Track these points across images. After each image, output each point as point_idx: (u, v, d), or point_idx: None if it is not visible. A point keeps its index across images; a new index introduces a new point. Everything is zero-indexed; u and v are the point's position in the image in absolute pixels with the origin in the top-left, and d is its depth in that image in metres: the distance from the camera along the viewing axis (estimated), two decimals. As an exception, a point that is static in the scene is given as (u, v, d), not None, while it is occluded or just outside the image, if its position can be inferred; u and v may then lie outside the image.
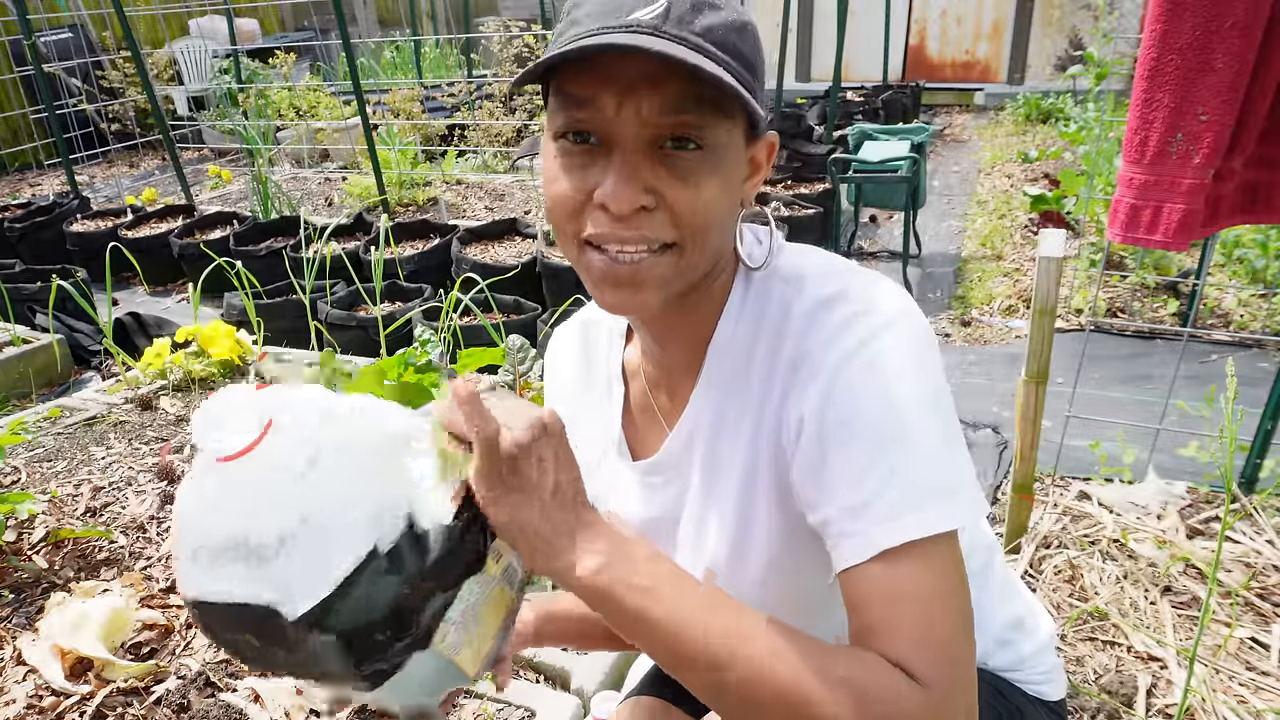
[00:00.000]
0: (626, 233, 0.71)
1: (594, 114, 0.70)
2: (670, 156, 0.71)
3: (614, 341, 0.96)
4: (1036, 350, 1.83)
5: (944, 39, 8.78)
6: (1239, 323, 3.31)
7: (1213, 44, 1.43)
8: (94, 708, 1.60)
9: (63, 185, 6.82)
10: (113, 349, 3.12)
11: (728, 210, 0.75)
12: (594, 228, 0.73)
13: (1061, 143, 5.67)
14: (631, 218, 0.71)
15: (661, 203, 0.71)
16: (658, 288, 0.74)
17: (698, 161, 0.71)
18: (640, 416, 0.94)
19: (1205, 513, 2.11)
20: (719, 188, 0.73)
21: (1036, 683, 0.99)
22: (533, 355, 2.40)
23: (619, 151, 0.70)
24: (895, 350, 0.72)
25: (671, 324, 0.84)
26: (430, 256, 4.19)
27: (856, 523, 0.69)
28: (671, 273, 0.74)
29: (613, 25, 0.68)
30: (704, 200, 0.72)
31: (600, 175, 0.71)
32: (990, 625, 0.96)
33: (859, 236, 4.78)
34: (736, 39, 0.71)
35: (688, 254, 0.74)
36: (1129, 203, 1.60)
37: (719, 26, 0.70)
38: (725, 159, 0.73)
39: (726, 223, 0.77)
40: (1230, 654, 1.71)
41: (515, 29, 6.45)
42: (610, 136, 0.71)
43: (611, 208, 0.70)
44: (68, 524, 2.20)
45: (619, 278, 0.73)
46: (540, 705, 1.58)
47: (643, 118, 0.69)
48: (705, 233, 0.73)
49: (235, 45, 7.55)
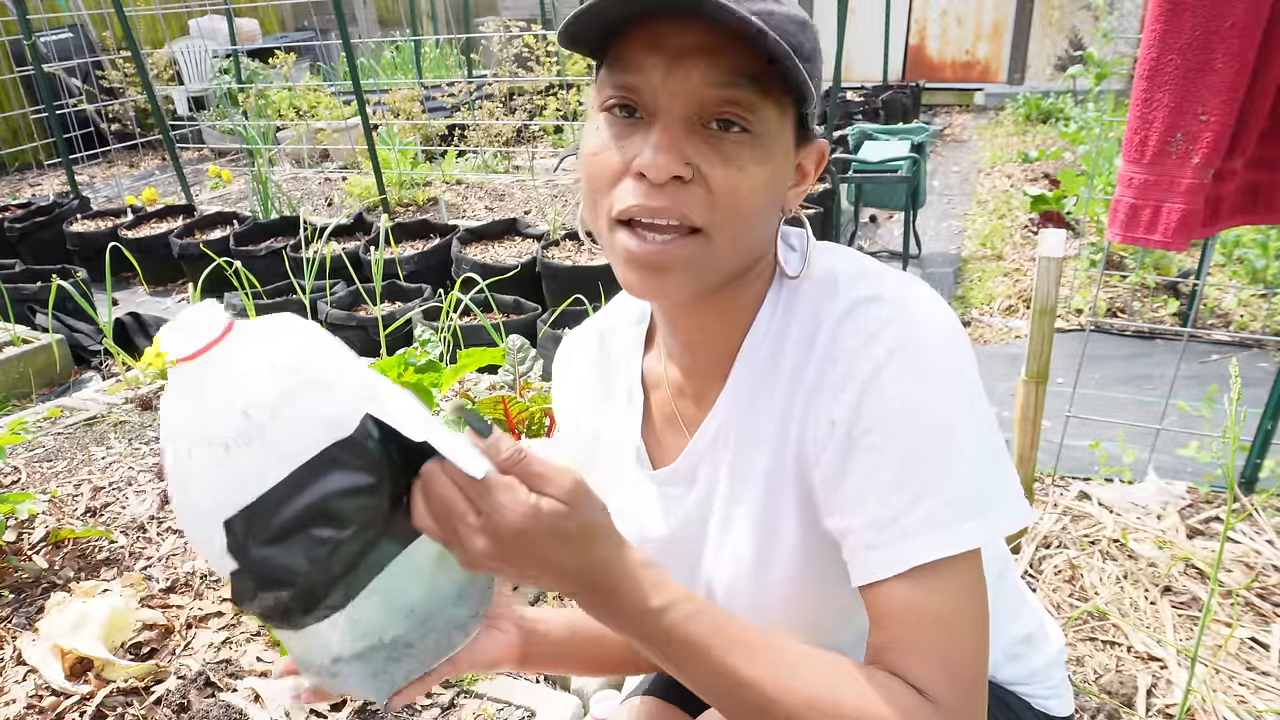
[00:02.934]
0: (657, 202, 0.68)
1: (641, 81, 0.67)
2: (715, 136, 0.68)
3: (632, 350, 0.93)
4: (1036, 350, 1.83)
5: (944, 39, 8.78)
6: (1239, 323, 3.31)
7: (1213, 44, 1.43)
8: (94, 708, 1.60)
9: (63, 185, 6.81)
10: (113, 349, 3.12)
11: (768, 207, 0.72)
12: (625, 200, 0.69)
13: (1061, 143, 5.67)
14: (666, 187, 0.68)
15: (699, 177, 0.68)
16: (683, 272, 0.71)
17: (743, 145, 0.68)
18: (662, 425, 0.91)
19: (1205, 513, 2.11)
20: (763, 178, 0.70)
21: (1044, 697, 0.98)
22: (533, 355, 2.40)
23: (662, 121, 0.68)
24: (930, 359, 0.71)
25: (704, 325, 0.81)
26: (430, 256, 4.19)
27: (882, 536, 0.68)
28: (698, 259, 0.70)
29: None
30: (745, 184, 0.69)
31: (640, 145, 0.69)
32: (1001, 638, 0.95)
33: (859, 236, 4.77)
34: (798, 31, 0.68)
35: (716, 242, 0.70)
36: (1128, 202, 1.60)
37: (779, 15, 0.67)
38: (773, 150, 0.70)
39: (765, 220, 0.74)
40: (1230, 654, 1.71)
41: (515, 29, 6.45)
42: (655, 107, 0.68)
43: (649, 174, 0.67)
44: (68, 524, 2.20)
45: (645, 259, 0.70)
46: (540, 705, 1.58)
47: (690, 89, 0.66)
48: (740, 221, 0.70)
49: (235, 45, 7.55)
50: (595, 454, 0.98)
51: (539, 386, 2.31)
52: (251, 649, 1.77)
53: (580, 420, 0.99)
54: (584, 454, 1.00)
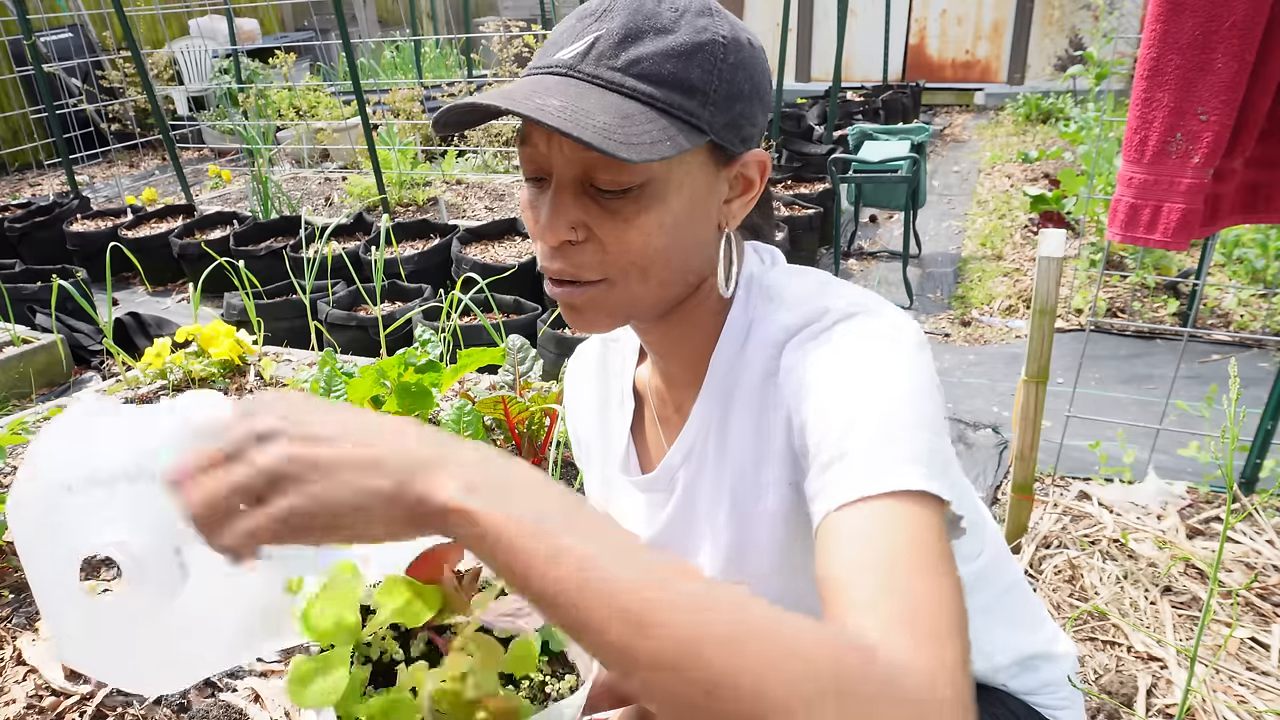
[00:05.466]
0: (553, 264, 0.73)
1: (533, 152, 0.72)
2: (600, 195, 0.70)
3: (628, 359, 0.97)
4: (1036, 350, 1.83)
5: (944, 39, 8.78)
6: (1239, 323, 3.31)
7: (1213, 44, 1.43)
8: (94, 708, 1.60)
9: (63, 185, 6.81)
10: (113, 349, 3.12)
11: (678, 241, 0.73)
12: (540, 258, 0.76)
13: (1061, 143, 5.67)
14: (559, 250, 0.72)
15: (591, 237, 0.72)
16: (598, 312, 0.76)
17: (627, 200, 0.70)
18: (650, 433, 0.94)
19: (1205, 513, 2.11)
20: (656, 223, 0.71)
21: (1056, 708, 0.99)
22: (533, 355, 2.40)
23: (553, 188, 0.71)
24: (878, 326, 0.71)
25: (668, 340, 0.84)
26: (430, 256, 4.19)
27: (833, 472, 0.62)
28: (607, 302, 0.75)
29: (540, 67, 0.71)
30: (635, 236, 0.71)
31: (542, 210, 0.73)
32: (1021, 648, 0.97)
33: (859, 236, 4.78)
34: (678, 65, 0.67)
35: (621, 286, 0.74)
36: (1128, 202, 1.60)
37: (654, 55, 0.67)
38: (669, 191, 0.71)
39: (682, 251, 0.74)
40: (1230, 654, 1.71)
41: (515, 29, 6.45)
42: (549, 173, 0.72)
43: (542, 240, 0.73)
44: (68, 524, 2.20)
45: (563, 302, 0.76)
46: (540, 705, 1.58)
47: (566, 158, 0.70)
48: (640, 268, 0.72)
49: (235, 45, 7.55)
50: (592, 460, 1.02)
51: (539, 386, 2.31)
52: (251, 649, 1.77)
53: (582, 428, 1.03)
54: (584, 460, 1.04)
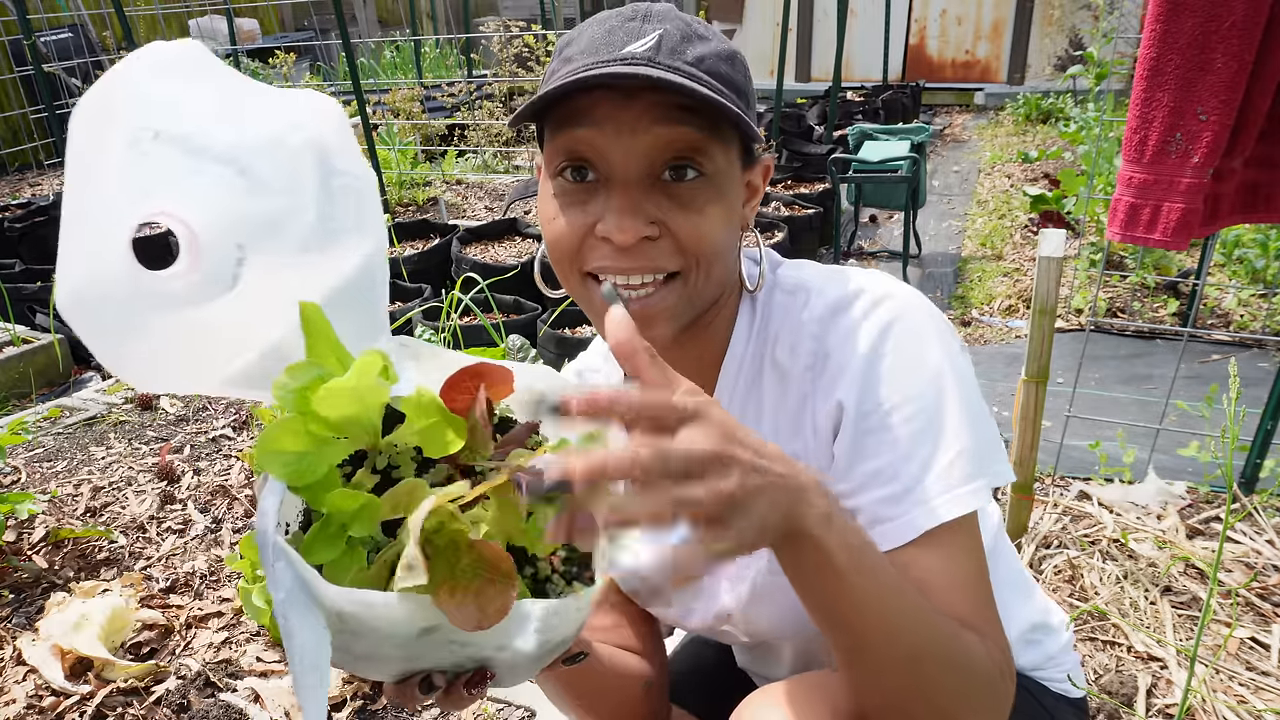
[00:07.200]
0: (631, 263, 0.71)
1: (592, 149, 0.71)
2: (670, 186, 0.71)
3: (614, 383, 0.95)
4: (1036, 350, 1.83)
5: (944, 39, 8.78)
6: (1239, 323, 3.31)
7: (1213, 44, 1.43)
8: (94, 708, 1.60)
9: (62, 185, 6.81)
10: (113, 349, 3.11)
11: (731, 235, 0.76)
12: (597, 260, 0.72)
13: (1061, 143, 5.67)
14: (636, 248, 0.71)
15: (666, 231, 0.72)
16: (668, 319, 0.75)
17: (700, 188, 0.72)
18: None
19: (1205, 513, 2.11)
20: (722, 213, 0.73)
21: (1061, 680, 1.00)
22: (532, 355, 2.40)
23: (619, 183, 0.71)
24: (917, 336, 0.75)
25: (684, 349, 0.84)
26: (430, 256, 4.19)
27: (896, 508, 0.72)
28: (680, 302, 0.75)
29: (606, 59, 0.69)
30: (708, 226, 0.72)
31: (601, 209, 0.71)
32: (1017, 624, 0.97)
33: (859, 236, 4.77)
34: (727, 67, 0.72)
35: (693, 281, 0.74)
36: (1128, 201, 1.60)
37: (710, 56, 0.71)
38: (725, 185, 0.74)
39: (730, 247, 0.78)
40: (1230, 654, 1.71)
41: (515, 29, 6.45)
42: (610, 170, 0.71)
43: (616, 239, 0.70)
44: (68, 524, 2.20)
45: (640, 315, 0.72)
46: (540, 705, 1.59)
47: (641, 149, 0.70)
48: (711, 259, 0.74)
49: (235, 45, 7.55)
50: None
51: (539, 386, 2.30)
52: (251, 649, 1.77)
53: None
54: None
